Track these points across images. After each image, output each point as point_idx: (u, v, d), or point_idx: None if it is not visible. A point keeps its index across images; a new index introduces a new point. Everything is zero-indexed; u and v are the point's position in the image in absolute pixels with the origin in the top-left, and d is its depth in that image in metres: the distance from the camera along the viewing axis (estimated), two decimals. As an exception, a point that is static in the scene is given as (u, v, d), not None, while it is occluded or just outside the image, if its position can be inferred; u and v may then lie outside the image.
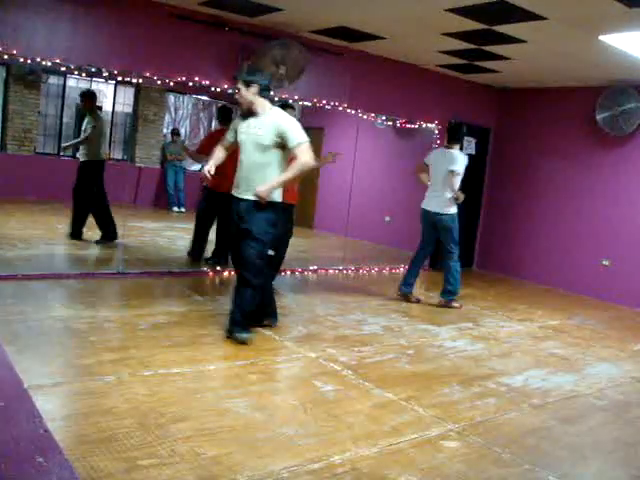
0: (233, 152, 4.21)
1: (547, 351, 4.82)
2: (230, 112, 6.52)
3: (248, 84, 3.93)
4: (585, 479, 2.83)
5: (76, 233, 6.81)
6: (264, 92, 3.97)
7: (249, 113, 4.01)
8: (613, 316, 6.48)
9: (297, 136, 3.89)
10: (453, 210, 5.69)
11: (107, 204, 6.77)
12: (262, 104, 3.98)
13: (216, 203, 6.17)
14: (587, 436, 3.26)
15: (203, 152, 6.81)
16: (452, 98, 7.81)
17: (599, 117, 7.21)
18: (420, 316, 5.50)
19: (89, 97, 6.80)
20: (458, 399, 3.56)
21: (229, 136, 4.16)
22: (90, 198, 6.72)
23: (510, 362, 4.42)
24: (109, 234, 6.80)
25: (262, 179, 3.92)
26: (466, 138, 7.74)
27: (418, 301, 5.94)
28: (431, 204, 5.74)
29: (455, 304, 5.89)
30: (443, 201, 5.66)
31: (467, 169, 5.75)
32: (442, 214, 5.67)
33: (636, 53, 5.48)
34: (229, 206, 4.14)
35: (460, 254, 5.83)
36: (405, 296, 5.95)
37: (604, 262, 7.27)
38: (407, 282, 5.95)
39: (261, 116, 3.97)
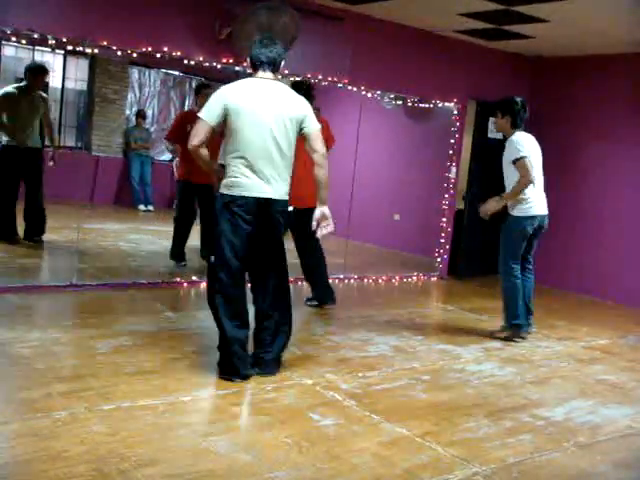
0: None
1: (594, 377, 4.80)
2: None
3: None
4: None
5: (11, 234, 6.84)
6: None
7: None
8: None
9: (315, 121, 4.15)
10: None
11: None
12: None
13: (194, 197, 6.53)
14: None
15: (172, 140, 6.85)
16: (474, 71, 7.80)
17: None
18: (437, 334, 5.49)
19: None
20: (485, 435, 3.53)
21: (212, 119, 3.87)
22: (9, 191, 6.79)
23: (548, 390, 4.40)
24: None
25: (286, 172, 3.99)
26: (492, 120, 7.71)
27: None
28: (544, 206, 5.54)
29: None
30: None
31: (496, 159, 5.71)
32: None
33: None
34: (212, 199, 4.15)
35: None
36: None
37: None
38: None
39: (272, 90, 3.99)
